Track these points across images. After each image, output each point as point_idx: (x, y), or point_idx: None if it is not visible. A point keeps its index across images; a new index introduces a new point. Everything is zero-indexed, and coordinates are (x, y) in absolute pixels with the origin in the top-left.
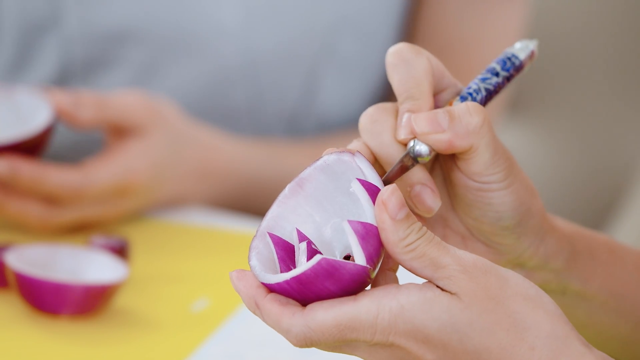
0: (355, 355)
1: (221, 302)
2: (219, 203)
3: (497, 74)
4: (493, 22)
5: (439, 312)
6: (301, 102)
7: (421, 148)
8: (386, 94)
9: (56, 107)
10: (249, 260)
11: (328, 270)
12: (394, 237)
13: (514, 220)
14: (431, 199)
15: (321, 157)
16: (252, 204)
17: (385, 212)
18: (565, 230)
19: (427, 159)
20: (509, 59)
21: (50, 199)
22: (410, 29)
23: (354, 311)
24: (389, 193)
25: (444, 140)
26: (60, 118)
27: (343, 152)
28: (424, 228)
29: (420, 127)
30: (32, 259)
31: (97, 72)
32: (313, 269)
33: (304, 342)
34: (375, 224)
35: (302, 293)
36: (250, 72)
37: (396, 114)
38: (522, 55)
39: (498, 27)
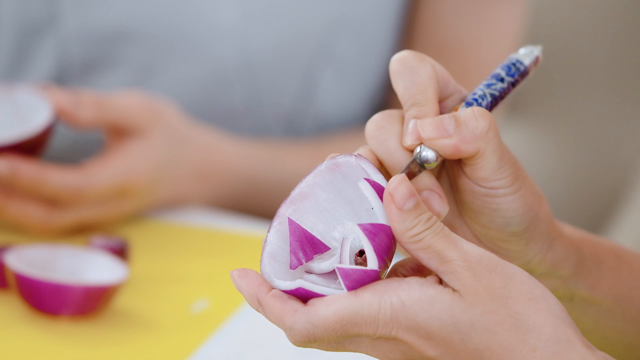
0: (359, 351)
1: (221, 303)
2: (219, 204)
3: (502, 80)
4: (491, 23)
5: (440, 311)
6: (299, 103)
7: (427, 154)
8: (384, 95)
9: (56, 107)
10: (261, 262)
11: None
12: (401, 227)
13: (522, 226)
14: (439, 204)
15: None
16: (251, 204)
17: (392, 202)
18: (572, 237)
19: (434, 165)
20: (514, 64)
21: (51, 201)
22: (408, 29)
23: (355, 306)
24: (396, 183)
25: (450, 145)
26: (60, 118)
27: (346, 155)
28: (434, 218)
29: (427, 133)
30: (32, 259)
31: (94, 72)
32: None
33: (307, 338)
34: (386, 223)
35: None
36: (248, 72)
37: (402, 120)
38: (527, 61)
39: (496, 27)
